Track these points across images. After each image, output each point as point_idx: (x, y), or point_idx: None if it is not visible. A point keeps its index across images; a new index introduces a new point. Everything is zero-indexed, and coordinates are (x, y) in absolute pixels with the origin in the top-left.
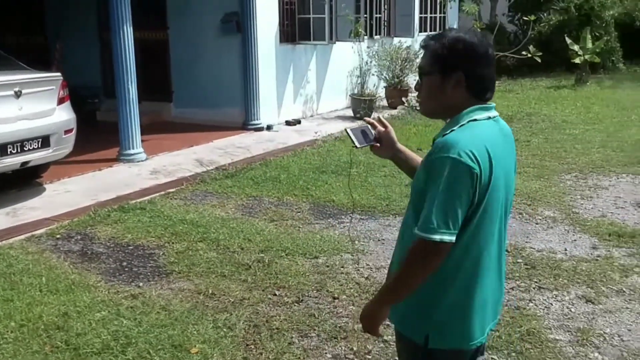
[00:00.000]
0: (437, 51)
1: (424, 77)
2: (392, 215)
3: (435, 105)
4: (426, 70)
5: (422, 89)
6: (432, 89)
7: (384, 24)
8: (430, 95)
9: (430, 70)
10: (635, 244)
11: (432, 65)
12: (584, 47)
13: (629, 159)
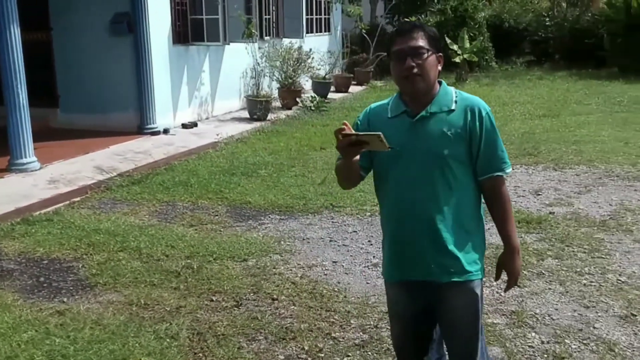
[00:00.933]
0: (431, 34)
1: (427, 56)
2: (311, 214)
3: (432, 80)
4: (428, 50)
5: (424, 67)
6: (433, 66)
7: (273, 26)
8: (432, 71)
9: (432, 50)
10: (542, 229)
11: (432, 46)
12: (462, 46)
13: (519, 151)
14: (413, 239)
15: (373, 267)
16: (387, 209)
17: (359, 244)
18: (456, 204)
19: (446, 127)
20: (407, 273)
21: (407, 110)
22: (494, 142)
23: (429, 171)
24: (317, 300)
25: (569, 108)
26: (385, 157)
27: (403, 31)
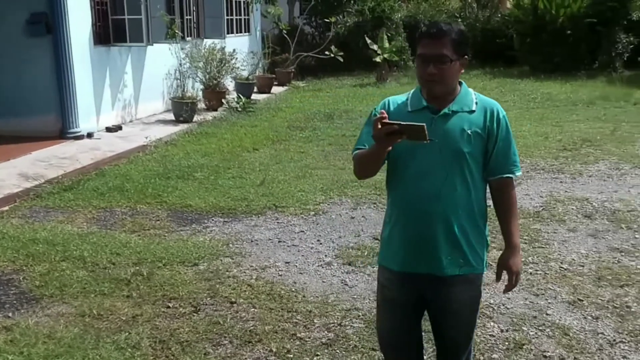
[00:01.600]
0: (458, 39)
1: (450, 64)
2: (255, 216)
3: (453, 85)
4: (452, 58)
5: (445, 74)
6: (456, 72)
7: (194, 26)
8: (454, 77)
9: (456, 57)
10: None
11: (457, 51)
12: (382, 46)
13: None
14: (429, 232)
15: (327, 266)
16: (402, 200)
17: (308, 244)
18: (470, 200)
19: (467, 125)
20: (416, 264)
21: (429, 106)
22: (509, 144)
23: (448, 167)
24: (276, 302)
25: None
26: (404, 150)
27: (430, 35)
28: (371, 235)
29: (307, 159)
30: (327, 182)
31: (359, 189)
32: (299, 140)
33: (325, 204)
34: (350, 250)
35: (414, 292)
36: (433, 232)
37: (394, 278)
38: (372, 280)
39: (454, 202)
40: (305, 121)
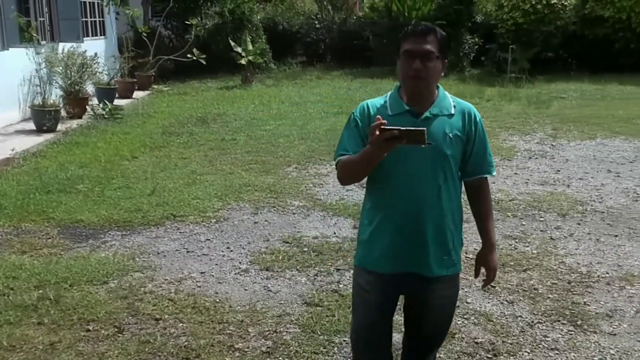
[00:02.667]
0: (443, 41)
1: (436, 62)
2: (154, 227)
3: (435, 84)
4: (438, 56)
5: (431, 72)
6: (439, 73)
7: (47, 29)
8: (437, 77)
9: (440, 57)
10: None
11: (441, 52)
12: (246, 49)
13: (330, 148)
14: (419, 233)
15: (244, 274)
16: (389, 202)
17: (218, 252)
18: (452, 201)
19: (448, 129)
20: (404, 266)
21: (411, 109)
22: (485, 145)
23: (434, 169)
24: (204, 314)
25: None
26: (389, 153)
27: (418, 32)
28: (280, 239)
29: (192, 165)
30: (220, 188)
31: (254, 194)
32: (178, 146)
33: (224, 210)
34: (264, 255)
35: (396, 293)
36: (423, 233)
37: (375, 280)
38: (295, 285)
39: (440, 203)
40: (179, 126)
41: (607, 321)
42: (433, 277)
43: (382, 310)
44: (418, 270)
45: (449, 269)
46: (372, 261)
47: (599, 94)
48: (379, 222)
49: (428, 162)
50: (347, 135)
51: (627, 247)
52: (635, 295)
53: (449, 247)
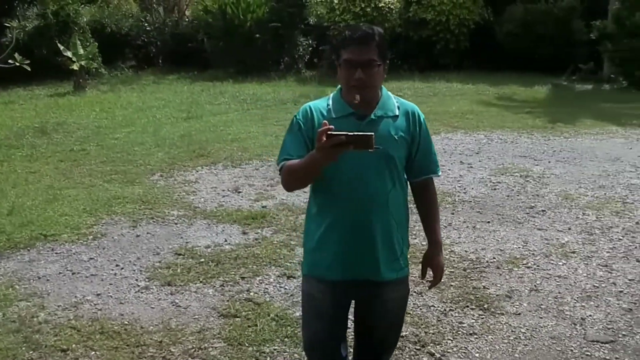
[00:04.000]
0: (382, 44)
1: (377, 69)
2: (24, 250)
3: (378, 89)
4: (379, 62)
5: (373, 79)
6: (381, 77)
7: None
8: (381, 81)
9: (381, 61)
10: (269, 222)
11: (382, 56)
12: (77, 53)
13: (190, 154)
14: (367, 238)
15: (146, 291)
16: (336, 207)
17: (108, 271)
18: (399, 204)
19: (393, 130)
20: (354, 271)
21: (355, 112)
22: (429, 145)
23: (381, 172)
24: (115, 339)
25: (205, 109)
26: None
27: (357, 40)
28: (171, 252)
29: (46, 180)
30: (87, 202)
31: (126, 206)
32: (22, 160)
33: (98, 225)
34: (160, 270)
35: (348, 299)
36: (371, 237)
37: (327, 288)
38: (204, 297)
39: (387, 206)
40: (16, 138)
41: (508, 302)
42: (383, 282)
43: (336, 319)
44: (368, 276)
45: (398, 272)
46: (322, 269)
47: (430, 91)
48: (326, 229)
49: (374, 165)
50: (290, 140)
51: (502, 232)
52: (523, 275)
53: (397, 250)
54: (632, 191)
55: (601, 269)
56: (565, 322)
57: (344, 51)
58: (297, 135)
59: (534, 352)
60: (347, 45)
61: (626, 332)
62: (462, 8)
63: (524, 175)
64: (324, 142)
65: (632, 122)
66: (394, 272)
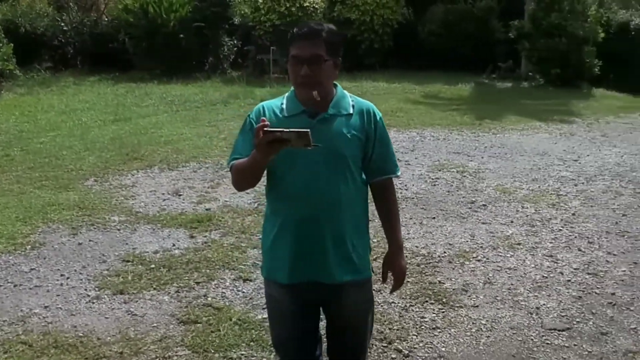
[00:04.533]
0: (332, 39)
1: (324, 65)
2: None
3: (329, 86)
4: (326, 58)
5: (320, 75)
6: (331, 73)
7: None
8: (329, 78)
9: (330, 57)
10: (214, 224)
11: (331, 52)
12: None
13: (123, 157)
14: (317, 239)
15: (98, 301)
16: (286, 208)
17: (53, 282)
18: (354, 204)
19: (346, 129)
20: (305, 273)
21: (307, 110)
22: (387, 145)
23: (332, 171)
24: (72, 353)
25: (133, 111)
26: (283, 156)
27: (303, 36)
28: (119, 259)
29: None
30: (20, 210)
31: (62, 213)
32: None
33: (35, 234)
34: (109, 278)
35: (306, 300)
36: (321, 238)
37: (284, 290)
38: (160, 305)
39: (339, 207)
40: None
41: (465, 295)
42: (338, 284)
43: (298, 319)
44: (320, 278)
45: (354, 274)
46: (277, 271)
47: (358, 90)
48: (278, 230)
49: (326, 165)
50: (242, 140)
51: (448, 227)
52: (475, 268)
53: (350, 252)
54: (564, 183)
55: (547, 260)
56: (521, 312)
57: (292, 47)
58: (247, 134)
59: (496, 343)
60: (294, 41)
61: (580, 318)
62: (385, 8)
63: (461, 171)
64: (260, 138)
65: (553, 117)
66: (349, 275)
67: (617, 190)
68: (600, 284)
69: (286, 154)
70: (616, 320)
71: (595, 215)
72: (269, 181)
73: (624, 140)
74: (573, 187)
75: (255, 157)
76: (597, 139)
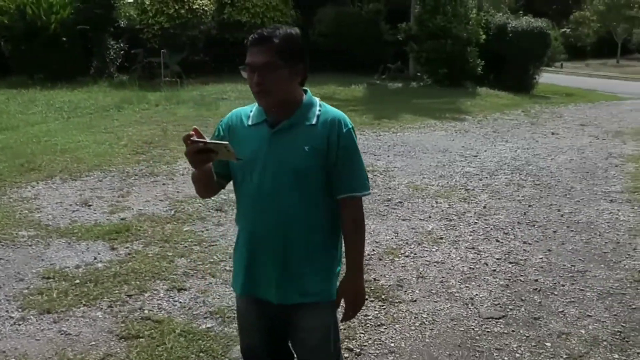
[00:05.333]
0: (285, 45)
1: (275, 72)
2: None
3: (282, 94)
4: (277, 65)
5: (270, 83)
6: (285, 81)
7: None
8: (284, 86)
9: (282, 63)
10: (133, 235)
11: (285, 58)
12: None
13: (18, 169)
14: (261, 254)
15: (23, 322)
16: (242, 221)
17: None
18: (309, 221)
19: (305, 140)
20: (255, 289)
21: (267, 119)
22: (350, 159)
23: (283, 185)
24: None
25: (19, 119)
26: (239, 167)
27: (253, 42)
28: (38, 276)
29: None
30: None
31: None
32: None
33: None
34: (32, 297)
35: (265, 315)
36: (268, 256)
37: (242, 300)
38: (94, 322)
39: (289, 222)
40: None
41: (401, 291)
42: (287, 305)
43: (258, 332)
44: (267, 296)
45: (303, 297)
46: (236, 281)
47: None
48: (237, 240)
49: (277, 178)
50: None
51: (371, 225)
52: (406, 264)
53: (298, 273)
54: (469, 179)
55: (470, 252)
56: (457, 303)
57: (247, 55)
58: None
59: (441, 335)
60: (248, 48)
61: (512, 306)
62: (275, 10)
63: (371, 170)
64: (187, 148)
65: (445, 115)
66: (298, 297)
67: (519, 183)
68: (523, 272)
69: (245, 164)
70: (544, 305)
71: (504, 207)
72: (234, 191)
73: (513, 136)
74: (479, 182)
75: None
76: (489, 134)
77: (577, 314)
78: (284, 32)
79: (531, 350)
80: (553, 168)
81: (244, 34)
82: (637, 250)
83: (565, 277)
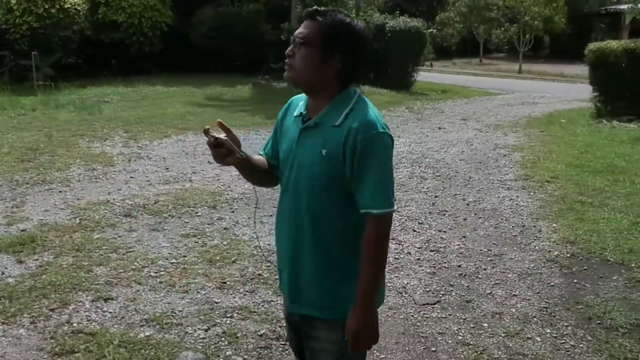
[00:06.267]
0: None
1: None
2: None
3: (305, 77)
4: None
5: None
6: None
7: None
8: (310, 69)
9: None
10: (40, 245)
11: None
12: None
13: None
14: (284, 259)
15: None
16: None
17: None
18: (328, 233)
19: (323, 144)
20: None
21: (304, 114)
22: (367, 171)
23: (302, 193)
24: None
25: None
26: (281, 161)
27: (305, 14)
28: None
29: None
30: None
31: None
32: None
33: None
34: None
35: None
36: (286, 260)
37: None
38: (19, 339)
39: (299, 231)
40: None
41: None
42: (309, 317)
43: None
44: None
45: (314, 310)
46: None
47: (138, 95)
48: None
49: (296, 181)
50: (270, 137)
51: None
52: None
53: (311, 284)
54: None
55: (391, 242)
56: (392, 293)
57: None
58: (274, 130)
59: (384, 324)
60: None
61: (443, 291)
62: (153, 10)
63: None
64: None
65: None
66: (312, 310)
67: (421, 175)
68: (445, 258)
69: (283, 159)
70: (472, 288)
71: (413, 198)
72: None
73: (404, 131)
74: None
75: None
76: None
77: (505, 294)
78: (339, 18)
79: (471, 332)
80: (448, 160)
81: (121, 35)
82: (542, 232)
83: (485, 262)
